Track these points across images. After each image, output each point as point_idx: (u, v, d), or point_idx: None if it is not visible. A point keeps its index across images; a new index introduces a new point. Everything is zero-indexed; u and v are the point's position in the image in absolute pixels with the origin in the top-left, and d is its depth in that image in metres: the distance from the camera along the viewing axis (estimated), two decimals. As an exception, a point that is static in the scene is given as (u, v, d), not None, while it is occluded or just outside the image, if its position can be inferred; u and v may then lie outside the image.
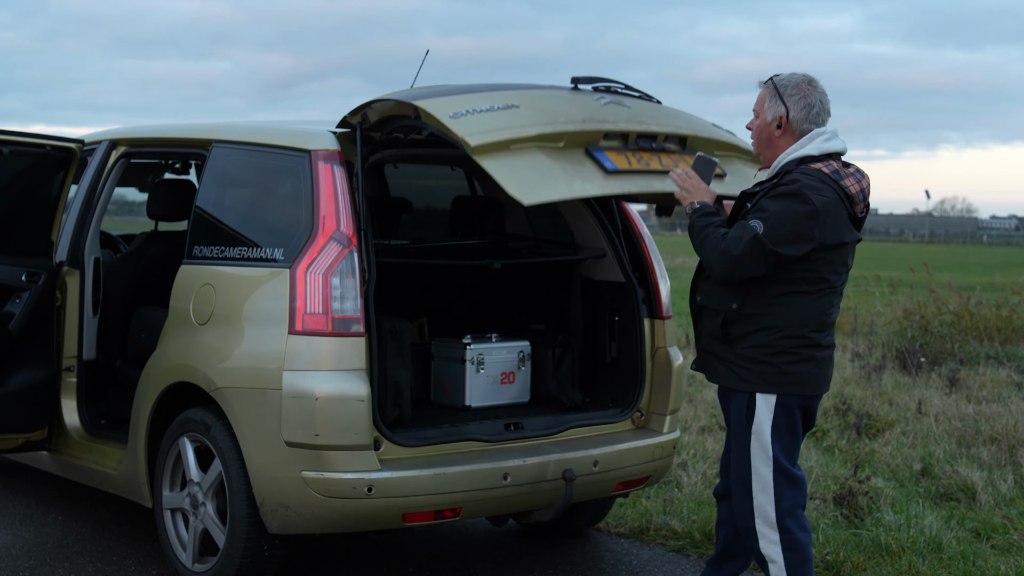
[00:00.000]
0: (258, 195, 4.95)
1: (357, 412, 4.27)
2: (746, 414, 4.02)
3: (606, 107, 4.51)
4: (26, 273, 5.24)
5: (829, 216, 3.87)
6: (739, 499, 4.09)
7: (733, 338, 4.00)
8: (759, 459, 4.00)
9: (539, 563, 5.25)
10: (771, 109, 4.05)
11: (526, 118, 4.24)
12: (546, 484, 4.59)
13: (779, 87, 4.05)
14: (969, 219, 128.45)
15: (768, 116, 4.06)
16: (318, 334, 4.29)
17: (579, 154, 4.29)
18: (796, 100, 4.01)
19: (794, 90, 4.03)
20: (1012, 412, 7.89)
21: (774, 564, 4.02)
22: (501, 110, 4.24)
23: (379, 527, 4.50)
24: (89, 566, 5.07)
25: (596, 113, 4.44)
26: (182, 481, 4.83)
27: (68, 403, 5.48)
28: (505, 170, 4.05)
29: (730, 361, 4.02)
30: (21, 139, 5.14)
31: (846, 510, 5.80)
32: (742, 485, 4.06)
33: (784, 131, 4.04)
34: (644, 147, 4.46)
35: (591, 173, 4.25)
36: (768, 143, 4.09)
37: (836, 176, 3.94)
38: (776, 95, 4.04)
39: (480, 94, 4.35)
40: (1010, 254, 55.57)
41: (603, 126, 4.37)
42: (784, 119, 4.03)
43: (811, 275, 3.93)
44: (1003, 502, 6.14)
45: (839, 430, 7.78)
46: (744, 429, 4.03)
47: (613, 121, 4.42)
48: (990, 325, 12.43)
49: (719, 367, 4.08)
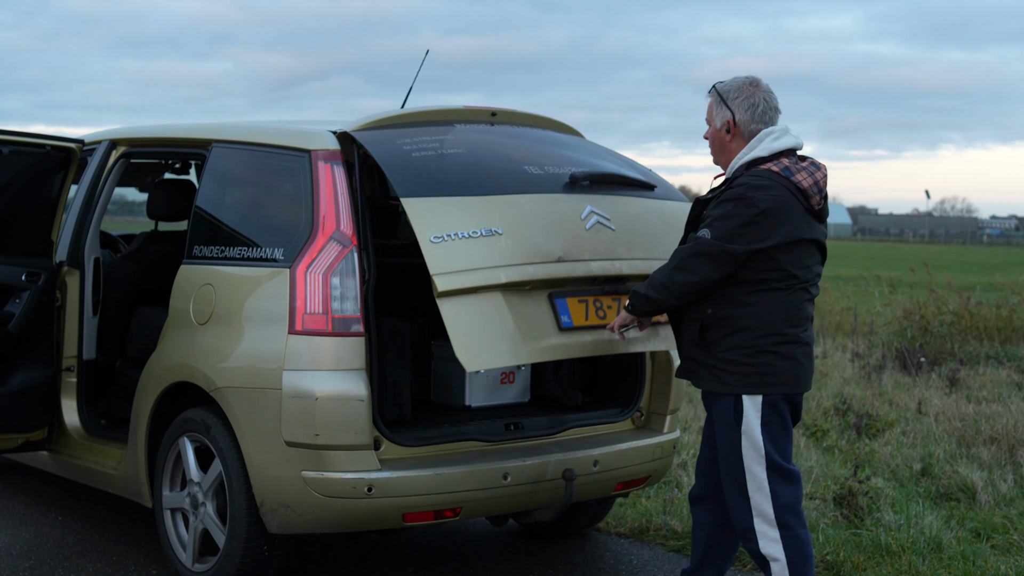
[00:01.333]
0: (258, 195, 4.95)
1: (357, 412, 4.27)
2: (734, 416, 4.04)
3: (590, 232, 4.53)
4: (26, 273, 5.24)
5: (780, 214, 3.94)
6: (735, 501, 4.09)
7: (711, 342, 4.04)
8: (751, 459, 4.03)
9: (539, 563, 5.25)
10: (719, 116, 4.15)
11: (503, 253, 4.26)
12: (546, 484, 4.59)
13: (722, 93, 4.15)
14: (969, 219, 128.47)
15: (717, 123, 4.15)
16: (318, 334, 4.29)
17: (541, 299, 4.39)
18: (740, 103, 4.10)
19: (736, 93, 4.12)
20: (1012, 412, 7.88)
21: (776, 563, 4.02)
22: (483, 237, 4.25)
23: (379, 527, 4.50)
24: (89, 566, 5.07)
25: (575, 246, 4.46)
26: (182, 481, 4.83)
27: (68, 403, 5.48)
28: (460, 321, 4.12)
29: (711, 365, 4.05)
30: (21, 139, 5.14)
31: (846, 510, 5.80)
32: (736, 487, 4.07)
33: (734, 135, 4.13)
34: (610, 291, 4.57)
35: (545, 328, 4.35)
36: (722, 149, 4.18)
37: (787, 173, 4.00)
38: (721, 101, 4.14)
39: (470, 200, 4.33)
40: (1010, 254, 55.58)
41: (575, 271, 4.43)
42: (731, 123, 4.12)
43: (776, 272, 3.98)
44: (1003, 502, 6.14)
45: (839, 430, 7.78)
46: (733, 431, 4.04)
47: (589, 258, 4.47)
48: (990, 325, 12.43)
49: (701, 372, 4.10)
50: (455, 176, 4.40)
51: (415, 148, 4.46)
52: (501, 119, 4.98)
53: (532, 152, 4.77)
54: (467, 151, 4.59)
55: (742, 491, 4.05)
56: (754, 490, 4.03)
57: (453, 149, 4.55)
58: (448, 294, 4.11)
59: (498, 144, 4.77)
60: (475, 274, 4.18)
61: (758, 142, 4.07)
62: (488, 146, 4.72)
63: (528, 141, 4.94)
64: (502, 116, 4.99)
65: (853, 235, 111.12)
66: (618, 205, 4.69)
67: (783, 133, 4.08)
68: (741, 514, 4.08)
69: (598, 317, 4.50)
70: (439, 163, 4.44)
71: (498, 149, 4.72)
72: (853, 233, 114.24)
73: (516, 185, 4.48)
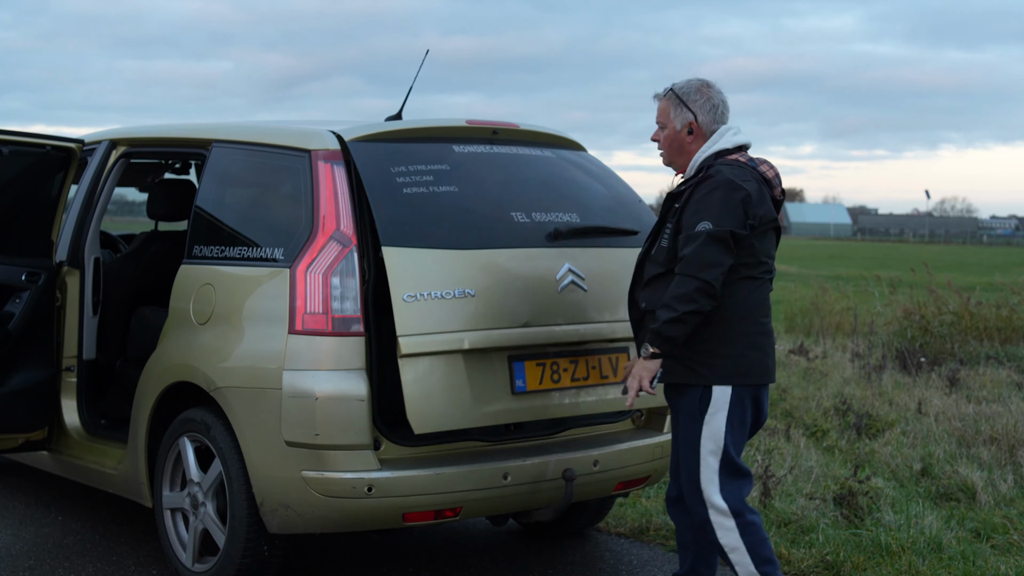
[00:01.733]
0: (258, 195, 4.95)
1: (357, 412, 4.27)
2: (699, 406, 4.07)
3: (561, 294, 4.60)
4: (26, 273, 5.24)
5: (759, 199, 4.05)
6: (690, 495, 4.14)
7: (690, 336, 4.03)
8: (708, 449, 4.07)
9: (539, 563, 5.25)
10: (679, 117, 4.21)
11: (472, 317, 4.36)
12: (546, 484, 4.59)
13: (681, 95, 4.21)
14: (969, 219, 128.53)
15: (677, 124, 4.22)
16: (318, 334, 4.29)
17: (501, 362, 4.47)
18: (702, 104, 4.20)
19: (697, 95, 4.20)
20: (1012, 412, 7.88)
21: (735, 551, 4.08)
22: (455, 299, 4.35)
23: (379, 527, 4.50)
24: (89, 566, 5.07)
25: (544, 310, 4.55)
26: (182, 481, 4.83)
27: (68, 403, 5.48)
28: (417, 384, 4.24)
29: (685, 358, 4.06)
30: (21, 139, 5.14)
31: (846, 510, 5.80)
32: (691, 480, 4.12)
33: (696, 135, 4.21)
34: (567, 353, 4.65)
35: (498, 392, 4.45)
36: (680, 150, 4.24)
37: (752, 164, 4.13)
38: (681, 103, 4.21)
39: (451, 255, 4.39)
40: (1010, 254, 55.59)
41: (538, 337, 4.52)
42: (694, 124, 4.20)
43: (750, 259, 4.05)
44: (1003, 502, 6.14)
45: (839, 430, 7.78)
46: (695, 422, 4.08)
47: (555, 323, 4.56)
48: (990, 325, 12.42)
49: (672, 366, 4.09)
50: (440, 224, 4.45)
51: (407, 181, 4.48)
52: (502, 137, 4.95)
53: (523, 192, 4.79)
54: (459, 189, 4.59)
55: (695, 483, 4.10)
56: (707, 482, 4.07)
57: (445, 186, 4.56)
58: (411, 356, 4.21)
59: (491, 181, 4.75)
60: (441, 337, 4.30)
61: (719, 136, 4.19)
62: (480, 184, 4.71)
63: (523, 172, 4.91)
64: (503, 134, 4.96)
65: (853, 235, 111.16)
66: (597, 260, 4.74)
67: (739, 130, 4.22)
68: (696, 507, 4.13)
69: (552, 381, 4.61)
70: (428, 204, 4.47)
71: (490, 188, 4.72)
72: (853, 233, 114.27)
73: (499, 238, 4.55)
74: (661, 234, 4.17)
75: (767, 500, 5.88)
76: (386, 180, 4.45)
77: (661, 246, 4.14)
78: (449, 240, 4.42)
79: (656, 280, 4.13)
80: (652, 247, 4.21)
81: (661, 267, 4.12)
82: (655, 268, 4.15)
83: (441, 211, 4.49)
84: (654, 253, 4.19)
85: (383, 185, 4.42)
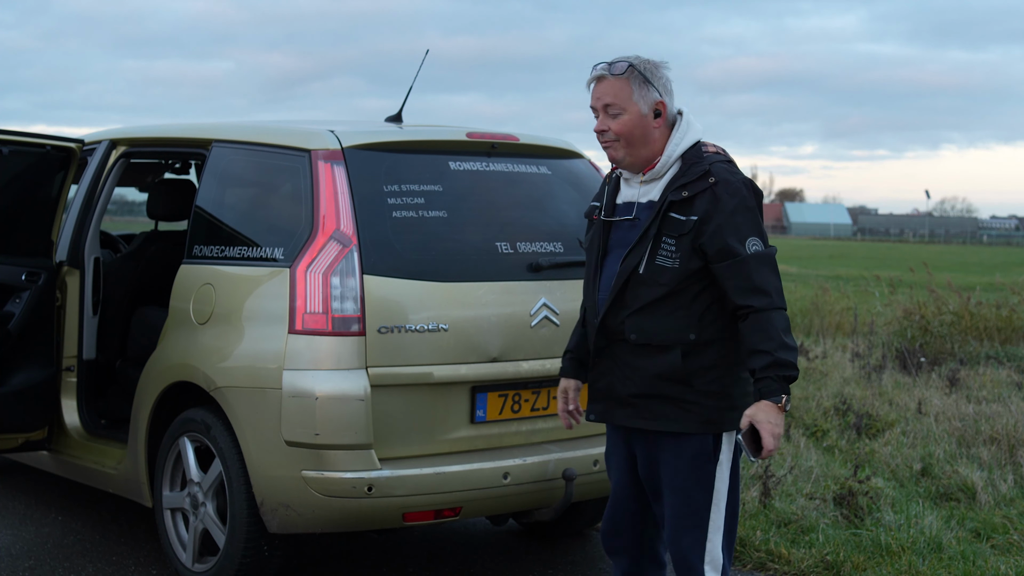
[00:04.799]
0: (258, 195, 4.95)
1: (357, 411, 4.27)
2: (712, 450, 3.50)
3: (533, 330, 4.62)
4: (26, 273, 5.24)
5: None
6: (687, 547, 3.53)
7: (693, 372, 3.44)
8: (721, 495, 3.51)
9: (539, 563, 5.25)
10: (644, 99, 3.50)
11: (442, 351, 4.41)
12: (546, 484, 4.59)
13: (646, 73, 3.50)
14: (969, 219, 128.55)
15: (643, 107, 3.50)
16: (318, 333, 4.29)
17: (463, 394, 4.50)
18: (664, 83, 3.53)
19: (659, 72, 3.53)
20: (1012, 412, 7.88)
21: None
22: (428, 333, 4.39)
23: (379, 526, 4.50)
24: (89, 566, 5.07)
25: (514, 346, 4.57)
26: (182, 481, 4.83)
27: (68, 403, 5.48)
28: (383, 413, 4.29)
29: (688, 401, 3.46)
30: (21, 139, 5.14)
31: (846, 510, 5.80)
32: (696, 531, 3.52)
33: (662, 119, 3.53)
34: (532, 386, 4.65)
35: (457, 421, 4.49)
36: (645, 139, 3.53)
37: (726, 154, 3.59)
38: (646, 82, 3.50)
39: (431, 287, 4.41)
40: (1010, 254, 55.59)
41: (504, 372, 4.55)
42: (662, 105, 3.51)
43: None
44: (1003, 502, 6.14)
45: (839, 430, 7.78)
46: (707, 463, 3.50)
47: (523, 358, 4.58)
48: (990, 325, 12.42)
49: (667, 410, 3.48)
50: (425, 255, 4.48)
51: (398, 204, 4.49)
52: (500, 151, 4.93)
53: (511, 218, 4.79)
54: (448, 215, 4.60)
55: (700, 535, 3.51)
56: (713, 532, 3.52)
57: (435, 211, 4.56)
58: (376, 386, 4.26)
59: (481, 206, 4.76)
60: (409, 370, 4.36)
61: (688, 124, 3.56)
62: (470, 210, 4.71)
63: (516, 194, 4.91)
64: (501, 148, 4.94)
65: (853, 235, 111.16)
66: (575, 291, 4.66)
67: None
68: (693, 561, 3.53)
69: (512, 411, 4.64)
70: (415, 231, 4.49)
71: (479, 215, 4.72)
72: (853, 233, 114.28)
73: (481, 271, 4.58)
74: (655, 250, 3.46)
75: (767, 500, 5.88)
76: (377, 201, 4.46)
77: (660, 265, 3.45)
78: (431, 272, 4.45)
79: (655, 306, 3.46)
80: (639, 265, 3.48)
81: (663, 289, 3.44)
82: (653, 291, 3.45)
83: (427, 240, 4.51)
84: (646, 273, 3.46)
85: (373, 207, 4.44)
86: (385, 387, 4.31)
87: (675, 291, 3.44)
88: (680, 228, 3.43)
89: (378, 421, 4.29)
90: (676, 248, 3.43)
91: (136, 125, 5.91)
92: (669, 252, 3.44)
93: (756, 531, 5.46)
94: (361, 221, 4.38)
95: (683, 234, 3.42)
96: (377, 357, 4.30)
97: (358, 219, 4.38)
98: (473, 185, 4.77)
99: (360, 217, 4.39)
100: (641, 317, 3.48)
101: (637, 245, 3.49)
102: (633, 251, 3.50)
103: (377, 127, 4.88)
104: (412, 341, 4.36)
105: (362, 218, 4.39)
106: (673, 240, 3.44)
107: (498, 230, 4.72)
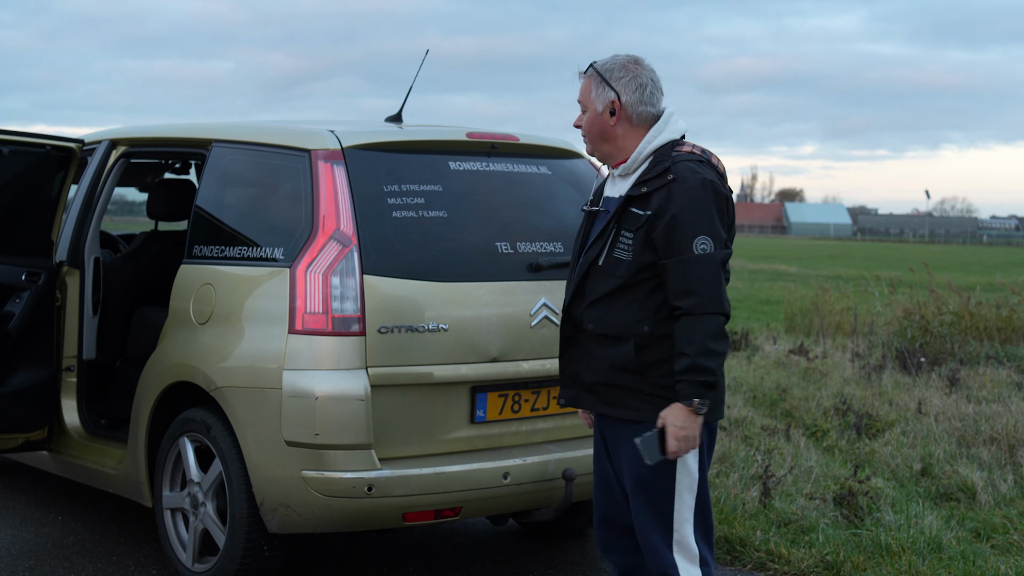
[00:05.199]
0: (258, 195, 4.95)
1: (357, 411, 4.27)
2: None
3: (533, 330, 4.63)
4: (26, 273, 5.24)
5: (729, 202, 3.59)
6: (655, 538, 3.58)
7: (648, 364, 3.51)
8: (684, 486, 3.56)
9: (539, 563, 5.25)
10: (600, 98, 3.64)
11: (442, 352, 4.41)
12: (546, 484, 4.60)
13: (603, 72, 3.64)
14: (969, 219, 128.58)
15: (598, 106, 3.64)
16: (318, 333, 4.30)
17: (463, 393, 4.51)
18: (626, 83, 3.62)
19: (621, 72, 3.63)
20: (1012, 412, 7.88)
21: None
22: (428, 333, 4.39)
23: (379, 526, 4.50)
24: (89, 566, 5.07)
25: (514, 346, 4.59)
26: (182, 481, 4.83)
27: (68, 403, 5.48)
28: (383, 412, 4.30)
29: (644, 392, 3.53)
30: (21, 139, 5.14)
31: (846, 510, 5.80)
32: (660, 521, 3.57)
33: (619, 118, 3.63)
34: (532, 385, 4.66)
35: (457, 421, 4.50)
36: (603, 135, 3.67)
37: (706, 155, 3.61)
38: (603, 82, 3.63)
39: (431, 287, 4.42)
40: (1010, 254, 55.61)
41: (504, 372, 4.55)
42: (617, 104, 3.62)
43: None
44: (1003, 502, 6.14)
45: (839, 430, 7.78)
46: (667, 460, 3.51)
47: (523, 358, 4.59)
48: (990, 325, 12.42)
49: (626, 399, 3.57)
50: (425, 255, 4.48)
51: (398, 204, 4.50)
52: (500, 151, 4.93)
53: (511, 218, 4.80)
54: (448, 215, 4.60)
55: (666, 525, 3.56)
56: (681, 522, 3.56)
57: (435, 211, 4.57)
58: (376, 386, 4.26)
59: (481, 206, 4.76)
60: (411, 370, 4.36)
61: (664, 123, 3.62)
62: (470, 210, 4.71)
63: (515, 194, 4.91)
64: (501, 148, 4.94)
65: (853, 235, 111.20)
66: None
67: (678, 115, 3.69)
68: (663, 552, 3.57)
69: (512, 411, 4.65)
70: (415, 231, 4.50)
71: (479, 215, 4.73)
72: (853, 233, 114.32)
73: (481, 271, 4.59)
74: (614, 243, 3.56)
75: (767, 500, 5.88)
76: (377, 201, 4.46)
77: (616, 258, 3.54)
78: (431, 272, 4.46)
79: (611, 297, 3.56)
80: (599, 257, 3.59)
81: (618, 281, 3.54)
82: (609, 282, 3.56)
83: (427, 240, 4.52)
84: (604, 265, 3.57)
85: (373, 207, 4.44)
86: (385, 387, 4.31)
87: (630, 284, 3.53)
88: (636, 222, 3.53)
89: (378, 421, 4.29)
90: (632, 241, 3.53)
91: (136, 125, 5.91)
92: (626, 245, 3.54)
93: (756, 531, 5.46)
94: (361, 221, 4.39)
95: (638, 227, 3.52)
96: (377, 357, 4.30)
97: (358, 219, 4.38)
98: (473, 185, 4.77)
99: (360, 217, 4.39)
100: (598, 308, 3.60)
101: (599, 238, 3.62)
102: (595, 243, 3.64)
103: (377, 127, 4.88)
104: (412, 341, 4.37)
105: (362, 218, 4.39)
106: (631, 234, 3.54)
107: (498, 230, 4.72)
